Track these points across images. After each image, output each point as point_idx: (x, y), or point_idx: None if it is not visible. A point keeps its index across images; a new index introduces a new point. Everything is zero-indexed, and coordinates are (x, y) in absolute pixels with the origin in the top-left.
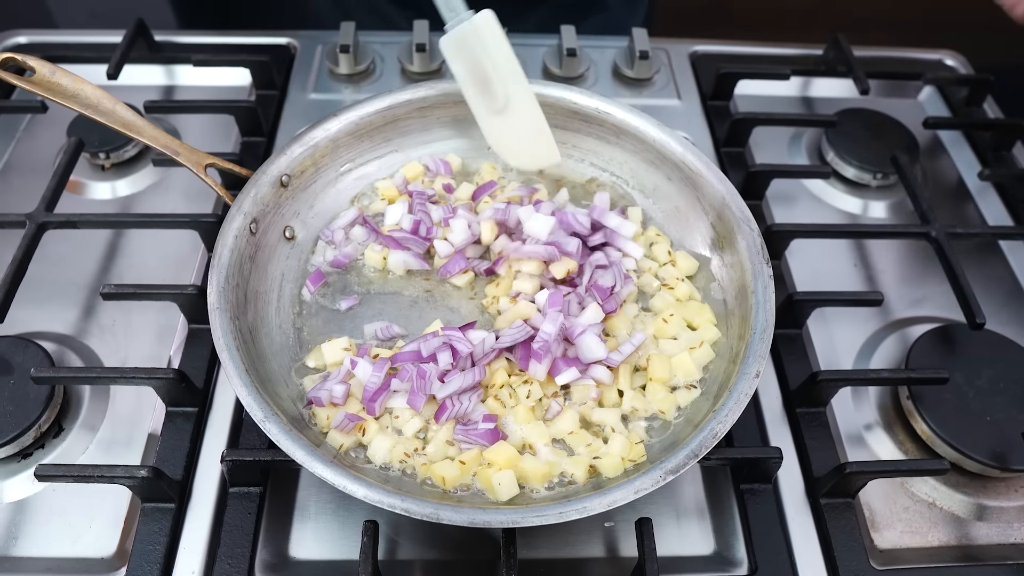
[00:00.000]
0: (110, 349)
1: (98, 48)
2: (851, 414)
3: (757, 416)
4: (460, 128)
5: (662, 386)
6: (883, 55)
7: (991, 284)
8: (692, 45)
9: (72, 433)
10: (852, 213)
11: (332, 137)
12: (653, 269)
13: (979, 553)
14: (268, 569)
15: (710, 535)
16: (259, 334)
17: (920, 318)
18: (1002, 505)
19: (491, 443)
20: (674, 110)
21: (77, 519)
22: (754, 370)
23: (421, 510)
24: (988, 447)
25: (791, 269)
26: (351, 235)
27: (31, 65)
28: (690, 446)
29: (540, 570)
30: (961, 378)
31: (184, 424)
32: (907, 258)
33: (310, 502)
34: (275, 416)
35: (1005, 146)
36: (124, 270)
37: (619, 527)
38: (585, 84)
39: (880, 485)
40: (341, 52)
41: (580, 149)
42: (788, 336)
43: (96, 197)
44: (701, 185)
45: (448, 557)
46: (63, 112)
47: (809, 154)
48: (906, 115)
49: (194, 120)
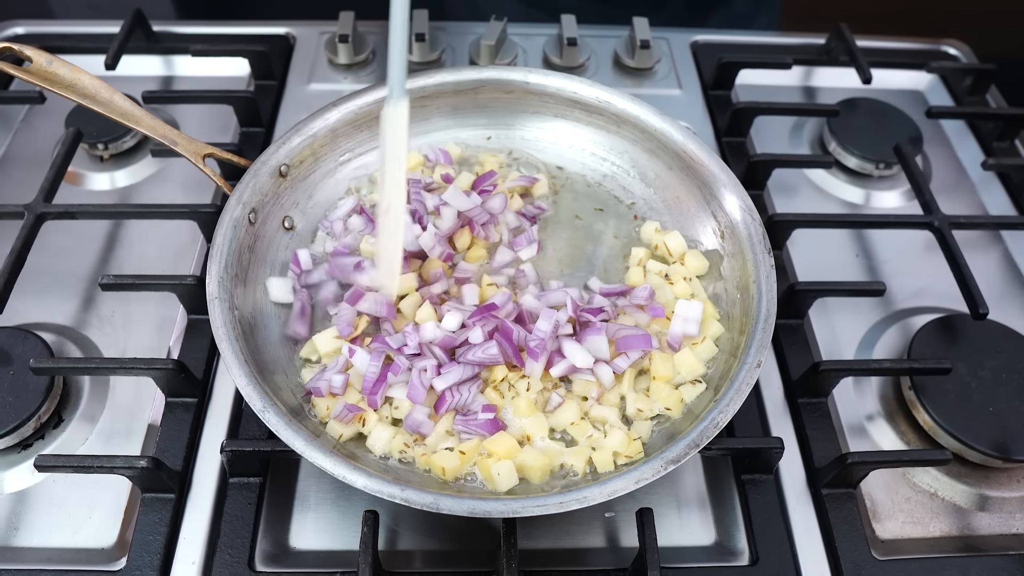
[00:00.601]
0: (109, 340)
1: (96, 38)
2: (853, 404)
3: (758, 406)
4: (459, 118)
5: (666, 384)
6: (886, 45)
7: (994, 274)
8: (693, 34)
9: (72, 424)
10: (854, 203)
11: (331, 127)
12: (662, 271)
13: (981, 543)
14: (268, 559)
15: (711, 525)
16: (258, 324)
17: (922, 308)
18: (1004, 495)
19: (491, 433)
20: (675, 100)
21: (77, 509)
22: (755, 360)
23: (421, 500)
24: (990, 437)
25: (793, 259)
26: (349, 224)
27: (28, 55)
28: (691, 436)
29: (541, 560)
30: (963, 368)
31: (184, 415)
32: (909, 248)
33: (310, 492)
34: (274, 406)
35: (1009, 136)
36: (123, 261)
37: (620, 517)
38: (586, 74)
39: (882, 475)
40: (340, 42)
41: (581, 139)
42: (790, 326)
43: (95, 188)
44: (702, 174)
45: (448, 547)
46: (61, 103)
47: (811, 144)
48: (909, 105)
49: (193, 110)
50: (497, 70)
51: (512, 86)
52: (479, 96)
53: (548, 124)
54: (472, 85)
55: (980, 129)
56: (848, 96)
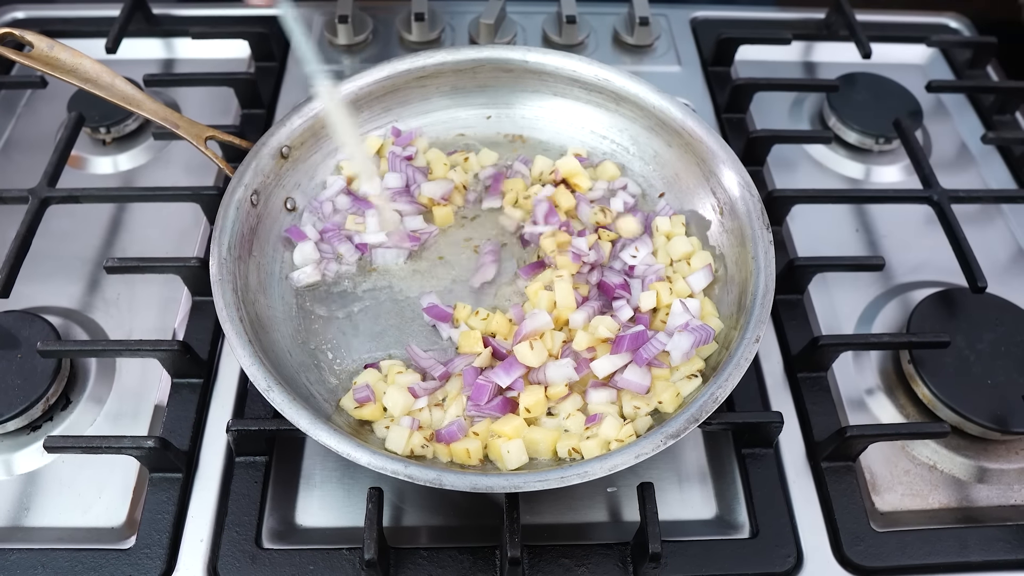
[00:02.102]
0: (115, 322)
1: (96, 22)
2: (852, 378)
3: (758, 381)
4: (459, 97)
5: (663, 381)
6: (886, 19)
7: (993, 247)
8: (693, 10)
9: (80, 405)
10: (854, 178)
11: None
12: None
13: (979, 515)
14: (275, 536)
15: (712, 499)
16: (261, 305)
17: (922, 282)
18: (1002, 467)
19: (503, 414)
20: (675, 76)
21: (87, 489)
22: (754, 335)
23: (424, 476)
24: (989, 410)
25: (792, 235)
26: (337, 204)
27: (30, 40)
28: (690, 411)
29: (544, 534)
30: (962, 341)
31: (190, 395)
32: (909, 222)
33: (315, 470)
34: (279, 386)
35: (1009, 109)
36: (127, 244)
37: (622, 492)
38: (585, 51)
39: (881, 448)
40: (339, 22)
41: (581, 117)
42: (789, 301)
43: (98, 172)
44: (701, 151)
45: (453, 523)
46: (63, 87)
47: (811, 119)
48: (909, 79)
49: (194, 93)
50: (496, 49)
51: (511, 65)
52: (478, 75)
53: (548, 103)
54: (471, 65)
55: (981, 103)
56: (848, 71)
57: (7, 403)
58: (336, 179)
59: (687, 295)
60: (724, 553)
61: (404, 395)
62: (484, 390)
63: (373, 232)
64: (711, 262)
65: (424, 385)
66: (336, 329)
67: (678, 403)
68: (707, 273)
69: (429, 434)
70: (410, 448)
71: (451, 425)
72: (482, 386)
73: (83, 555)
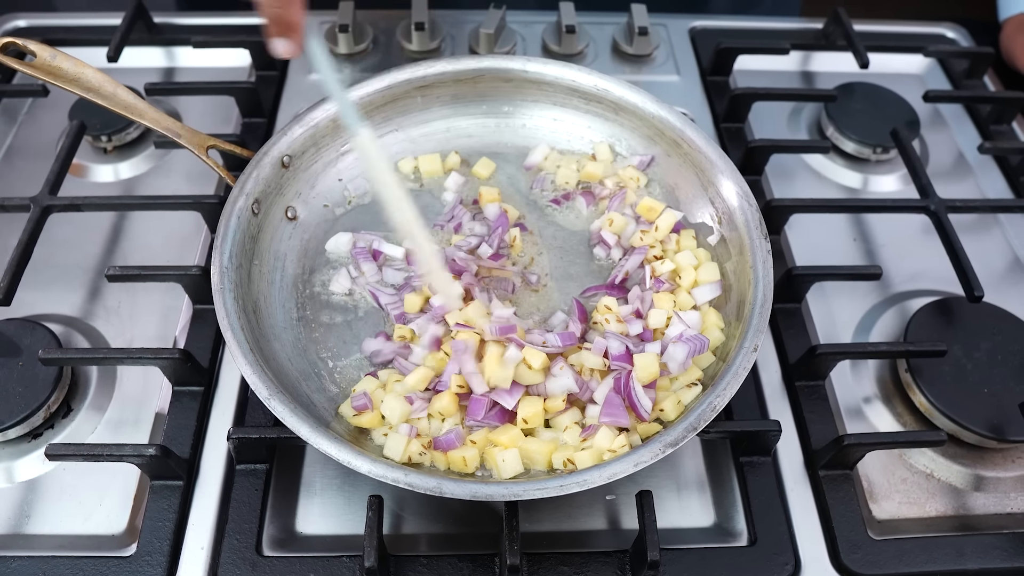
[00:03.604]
0: (116, 330)
1: (98, 31)
2: (850, 387)
3: (756, 390)
4: (459, 106)
5: (664, 390)
6: (883, 29)
7: (990, 257)
8: (691, 20)
9: (81, 413)
10: (852, 188)
11: (333, 117)
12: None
13: (976, 523)
14: (275, 544)
15: (710, 507)
16: (262, 313)
17: (919, 291)
18: (999, 475)
19: (501, 423)
20: (673, 86)
21: (87, 497)
22: (752, 344)
23: (424, 484)
24: (985, 419)
25: (790, 244)
26: (366, 271)
27: (32, 49)
28: (689, 419)
29: (543, 542)
30: (959, 350)
31: (191, 403)
32: (906, 232)
33: (316, 478)
34: (280, 394)
35: (1005, 119)
36: (128, 252)
37: (620, 500)
38: (584, 61)
39: (878, 457)
40: (340, 31)
41: (580, 126)
42: (787, 310)
43: (99, 180)
44: (699, 161)
45: (452, 531)
46: (65, 96)
47: (809, 129)
48: (906, 89)
49: (195, 102)
50: (496, 59)
51: (511, 75)
52: (479, 85)
53: (548, 112)
54: (471, 75)
55: (977, 113)
56: (846, 81)
57: (8, 411)
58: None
59: (691, 307)
60: (722, 561)
61: (402, 403)
62: (481, 405)
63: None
64: (720, 278)
65: (422, 394)
66: (337, 337)
67: (680, 411)
68: (714, 288)
69: (427, 442)
70: (408, 455)
71: (449, 433)
72: (478, 401)
73: (84, 563)
